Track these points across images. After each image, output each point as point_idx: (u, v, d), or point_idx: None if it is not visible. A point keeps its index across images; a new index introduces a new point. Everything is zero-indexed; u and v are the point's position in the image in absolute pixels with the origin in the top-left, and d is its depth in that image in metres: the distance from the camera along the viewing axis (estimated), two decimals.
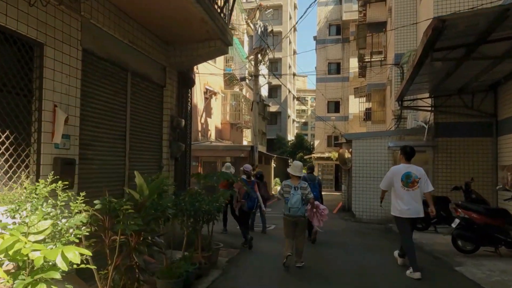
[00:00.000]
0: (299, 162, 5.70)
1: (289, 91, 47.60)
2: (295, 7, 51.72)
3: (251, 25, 16.89)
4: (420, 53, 6.13)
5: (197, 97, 16.11)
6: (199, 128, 16.42)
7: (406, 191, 4.88)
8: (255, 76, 15.09)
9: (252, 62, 15.60)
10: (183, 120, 6.34)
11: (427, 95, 10.14)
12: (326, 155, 25.15)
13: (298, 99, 64.69)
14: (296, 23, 45.95)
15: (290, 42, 47.87)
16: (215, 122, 18.54)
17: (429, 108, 10.16)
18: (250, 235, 6.81)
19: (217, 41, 5.83)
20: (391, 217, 10.59)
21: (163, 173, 5.93)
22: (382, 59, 17.23)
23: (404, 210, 4.90)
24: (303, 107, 76.89)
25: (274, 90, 45.72)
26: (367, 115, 18.49)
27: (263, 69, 19.27)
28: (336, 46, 28.15)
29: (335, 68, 28.23)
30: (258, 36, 14.82)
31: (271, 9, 16.35)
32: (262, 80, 20.65)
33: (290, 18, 48.31)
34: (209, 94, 17.13)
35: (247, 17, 18.39)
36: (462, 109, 9.60)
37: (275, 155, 24.85)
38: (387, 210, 10.70)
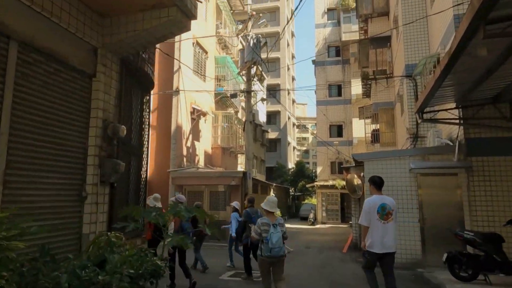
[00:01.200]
0: (274, 197, 5.20)
1: (289, 117, 46.09)
2: (292, 35, 51.38)
3: (242, 42, 15.37)
4: (466, 28, 4.26)
5: (182, 117, 14.27)
6: (184, 153, 14.45)
7: (382, 224, 4.62)
8: (247, 92, 13.31)
9: (245, 78, 13.88)
10: (123, 127, 4.34)
11: (451, 105, 8.25)
12: (330, 183, 22.97)
13: (298, 126, 63.30)
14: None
15: (288, 69, 47.00)
16: (204, 146, 16.60)
17: (457, 121, 8.22)
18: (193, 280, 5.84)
19: (172, 9, 4.00)
20: (420, 259, 8.60)
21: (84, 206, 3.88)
22: (389, 74, 15.54)
23: (378, 244, 4.60)
24: (304, 135, 75.38)
25: (273, 116, 44.19)
26: (375, 137, 16.57)
27: (257, 85, 17.62)
28: (336, 68, 26.75)
29: (336, 90, 26.67)
30: (250, 48, 13.18)
31: (264, 20, 14.79)
32: (259, 97, 18.94)
33: (288, 45, 47.77)
34: (196, 115, 15.30)
35: (238, 30, 16.92)
36: (499, 121, 7.69)
37: (274, 184, 22.70)
38: (412, 249, 8.58)
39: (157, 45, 15.10)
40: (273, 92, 44.81)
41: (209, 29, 17.62)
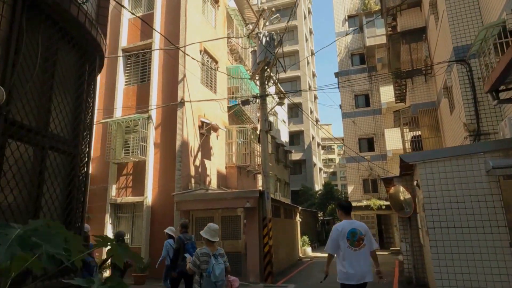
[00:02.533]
0: (215, 224, 4.67)
1: (313, 137, 43.68)
2: (312, 53, 49.88)
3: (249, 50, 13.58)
4: None
5: (188, 132, 12.39)
6: (192, 172, 12.44)
7: (354, 252, 4.23)
8: (261, 97, 11.31)
9: (258, 82, 11.95)
10: (2, 90, 2.36)
11: None
12: (364, 203, 20.19)
13: (323, 147, 60.53)
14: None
15: (309, 87, 45.17)
16: (217, 165, 14.57)
17: None
18: None
19: None
20: None
21: None
22: (428, 68, 13.19)
23: (351, 274, 4.16)
24: (330, 156, 72.24)
25: (296, 137, 41.96)
26: (415, 144, 13.99)
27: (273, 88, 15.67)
28: (361, 76, 24.53)
29: (363, 100, 24.32)
30: (262, 47, 11.33)
31: (277, 14, 12.95)
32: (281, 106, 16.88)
33: (308, 63, 46.20)
34: (205, 129, 13.40)
35: (249, 30, 15.22)
36: None
37: (300, 207, 20.19)
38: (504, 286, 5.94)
39: (159, 50, 13.67)
40: (295, 109, 42.89)
41: (218, 37, 16.08)
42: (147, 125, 12.74)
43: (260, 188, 14.12)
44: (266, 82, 11.61)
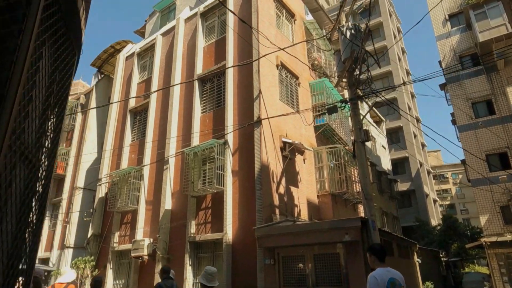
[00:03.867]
0: (213, 268, 4.36)
1: (421, 164, 37.95)
2: (407, 73, 45.26)
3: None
4: None
5: (268, 154, 10.61)
6: (276, 202, 10.43)
7: None
8: (351, 100, 9.01)
9: (346, 85, 9.74)
10: None
11: None
12: (509, 237, 15.22)
13: (434, 176, 52.70)
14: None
15: (409, 109, 40.34)
16: (306, 193, 12.31)
17: None
18: None
19: None
20: None
21: None
22: None
23: None
24: (444, 186, 62.57)
25: (400, 165, 36.97)
26: None
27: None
28: (477, 80, 20.12)
29: (485, 108, 19.64)
30: (346, 41, 9.27)
31: (362, 1, 10.81)
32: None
33: (404, 83, 41.74)
34: (289, 151, 11.46)
35: (329, 29, 13.28)
36: None
37: (417, 245, 16.19)
38: None
39: (232, 67, 12.61)
40: (396, 134, 38.29)
41: (297, 52, 14.55)
42: (223, 152, 11.42)
43: (362, 215, 11.28)
44: (356, 84, 9.32)
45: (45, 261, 18.50)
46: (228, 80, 12.29)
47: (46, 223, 19.96)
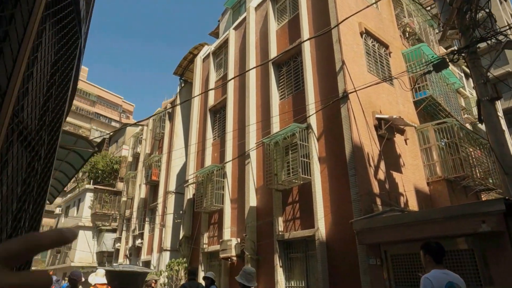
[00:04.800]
0: (251, 267, 4.47)
1: None
2: None
3: None
4: None
5: (360, 134, 8.91)
6: (375, 189, 8.63)
7: None
8: (469, 49, 6.82)
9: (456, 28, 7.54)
10: None
11: None
12: None
13: None
14: None
15: None
16: (413, 180, 10.15)
17: None
18: None
19: None
20: None
21: None
22: None
23: None
24: None
25: None
26: None
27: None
28: None
29: None
30: None
31: None
32: None
33: None
34: (385, 129, 9.54)
35: None
36: None
37: None
38: None
39: (309, 42, 11.20)
40: None
41: (384, 18, 12.48)
42: (307, 137, 10.06)
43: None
44: (472, 26, 7.10)
45: (147, 264, 19.35)
46: (305, 58, 10.94)
47: (146, 227, 21.04)
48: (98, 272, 6.17)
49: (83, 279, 5.86)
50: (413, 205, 9.61)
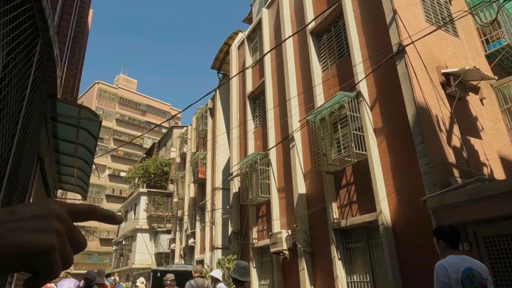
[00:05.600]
0: (244, 261, 4.07)
1: None
2: None
3: None
4: None
5: (424, 93, 7.31)
6: (450, 157, 6.98)
7: None
8: None
9: None
10: None
11: None
12: None
13: None
14: None
15: None
16: (495, 147, 8.26)
17: None
18: None
19: None
20: None
21: None
22: None
23: None
24: None
25: None
26: None
27: None
28: None
29: None
30: None
31: None
32: None
33: None
34: (455, 88, 7.79)
35: None
36: None
37: None
38: None
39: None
40: None
41: None
42: (357, 107, 8.63)
43: None
44: None
45: (201, 262, 18.93)
46: (347, 19, 9.48)
47: (198, 226, 20.67)
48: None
49: (96, 279, 5.64)
50: (500, 176, 7.75)
